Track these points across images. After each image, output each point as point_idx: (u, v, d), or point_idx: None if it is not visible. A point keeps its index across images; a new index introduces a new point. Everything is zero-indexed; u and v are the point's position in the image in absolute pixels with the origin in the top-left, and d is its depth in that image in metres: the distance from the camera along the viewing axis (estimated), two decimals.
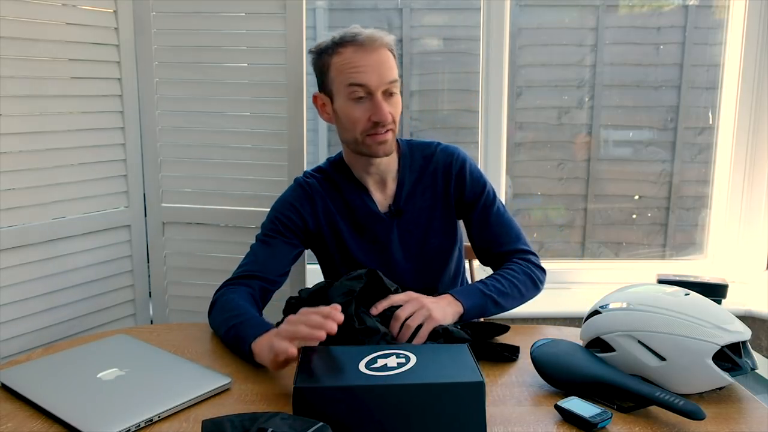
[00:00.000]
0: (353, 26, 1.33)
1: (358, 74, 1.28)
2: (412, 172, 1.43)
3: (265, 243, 1.37)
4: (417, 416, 0.89)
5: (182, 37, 1.70)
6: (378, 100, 1.29)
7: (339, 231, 1.40)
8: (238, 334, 1.16)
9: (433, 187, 1.42)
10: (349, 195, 1.41)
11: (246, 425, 0.83)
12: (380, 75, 1.29)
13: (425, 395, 0.89)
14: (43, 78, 1.53)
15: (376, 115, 1.29)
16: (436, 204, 1.43)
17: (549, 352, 1.06)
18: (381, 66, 1.29)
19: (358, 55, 1.29)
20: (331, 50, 1.31)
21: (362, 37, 1.29)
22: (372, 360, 0.96)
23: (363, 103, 1.30)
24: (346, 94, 1.30)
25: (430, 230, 1.42)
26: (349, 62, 1.29)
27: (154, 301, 1.83)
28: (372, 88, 1.29)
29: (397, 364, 0.94)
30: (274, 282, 1.36)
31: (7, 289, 1.51)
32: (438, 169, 1.43)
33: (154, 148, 1.74)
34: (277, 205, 1.42)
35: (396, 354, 0.98)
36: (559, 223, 2.31)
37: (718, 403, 1.01)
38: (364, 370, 0.93)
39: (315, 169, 1.46)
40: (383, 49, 1.30)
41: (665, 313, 1.02)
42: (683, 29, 2.20)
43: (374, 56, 1.29)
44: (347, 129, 1.33)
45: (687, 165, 2.25)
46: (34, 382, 1.03)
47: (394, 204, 1.41)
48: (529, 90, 2.23)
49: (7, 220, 1.49)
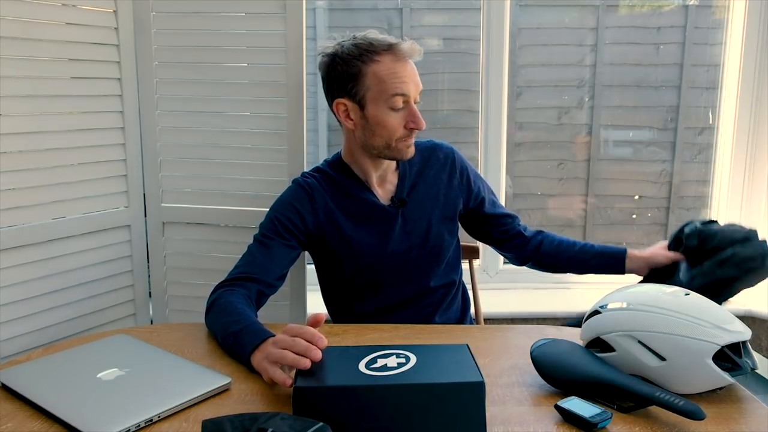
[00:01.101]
0: (370, 31, 1.36)
1: (402, 84, 1.32)
2: (413, 164, 1.46)
3: (262, 245, 1.37)
4: (417, 416, 0.89)
5: (182, 37, 1.70)
6: (415, 109, 1.35)
7: (339, 226, 1.40)
8: (238, 342, 1.17)
9: (435, 177, 1.47)
10: (350, 189, 1.42)
11: (246, 425, 0.83)
12: (417, 85, 1.35)
13: (425, 395, 0.89)
14: (43, 78, 1.53)
15: (414, 123, 1.34)
16: (440, 193, 1.47)
17: (549, 352, 1.06)
18: (416, 76, 1.35)
19: (400, 65, 1.32)
20: (366, 57, 1.32)
21: (403, 46, 1.32)
22: (372, 360, 0.96)
23: (401, 112, 1.34)
24: (386, 103, 1.32)
25: (433, 219, 1.45)
26: (392, 72, 1.31)
27: (154, 301, 1.83)
28: (411, 97, 1.34)
29: (397, 364, 0.95)
30: (272, 285, 1.36)
31: (7, 289, 1.51)
32: (438, 161, 1.48)
33: (154, 148, 1.74)
34: (276, 206, 1.42)
35: (396, 354, 0.98)
36: (559, 223, 2.31)
37: (718, 403, 1.01)
38: (364, 370, 0.93)
39: (313, 170, 1.47)
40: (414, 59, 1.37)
41: (665, 313, 1.02)
42: (683, 29, 2.20)
43: (410, 66, 1.34)
44: (379, 135, 1.35)
45: (687, 165, 2.25)
46: (34, 382, 1.03)
47: (397, 195, 1.44)
48: (529, 90, 2.23)
49: (7, 220, 1.49)
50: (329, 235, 1.41)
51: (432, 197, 1.46)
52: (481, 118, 2.05)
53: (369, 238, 1.41)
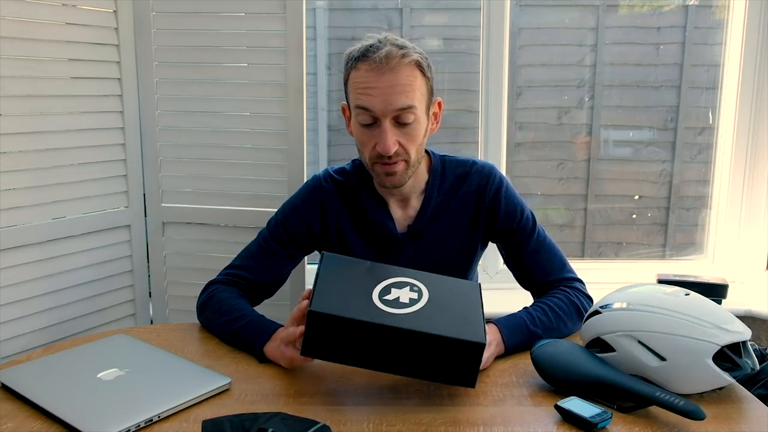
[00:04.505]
0: (377, 35, 1.20)
1: (364, 96, 1.16)
2: (440, 192, 1.31)
3: (264, 251, 1.33)
4: (417, 356, 0.98)
5: (182, 37, 1.70)
6: (383, 129, 1.16)
7: (348, 242, 1.32)
8: (245, 339, 1.19)
9: (460, 212, 1.31)
10: (367, 208, 1.31)
11: (246, 425, 0.83)
12: (387, 100, 1.14)
13: (428, 342, 0.97)
14: (43, 78, 1.53)
15: (378, 144, 1.17)
16: (460, 230, 1.32)
17: (549, 352, 1.06)
18: (391, 90, 1.14)
19: (370, 76, 1.15)
20: (352, 63, 1.19)
21: (378, 54, 1.14)
22: (386, 289, 1.03)
23: (372, 129, 1.18)
24: (355, 114, 1.20)
25: (448, 256, 1.32)
26: (362, 81, 1.16)
27: (154, 301, 1.83)
28: (377, 114, 1.16)
29: (409, 300, 1.01)
30: (268, 292, 1.36)
31: (7, 289, 1.50)
32: (469, 193, 1.31)
33: (154, 148, 1.74)
34: (287, 209, 1.35)
35: (410, 286, 1.04)
36: (559, 223, 2.31)
37: (718, 403, 1.01)
38: (377, 303, 1.00)
39: (338, 171, 1.35)
40: (401, 69, 1.14)
41: (665, 313, 1.02)
42: (683, 29, 2.20)
43: (387, 78, 1.14)
44: (359, 151, 1.25)
45: (687, 165, 2.25)
46: (34, 382, 1.03)
47: (414, 225, 1.30)
48: (529, 90, 2.23)
49: (7, 220, 1.49)
50: (336, 247, 1.34)
51: (451, 233, 1.31)
52: (481, 118, 2.05)
53: (376, 260, 1.32)
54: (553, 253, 1.34)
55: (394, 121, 1.17)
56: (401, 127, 1.18)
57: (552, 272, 1.32)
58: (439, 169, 1.32)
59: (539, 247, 1.33)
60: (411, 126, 1.18)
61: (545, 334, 1.20)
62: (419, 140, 1.21)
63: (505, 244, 1.36)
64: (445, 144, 2.20)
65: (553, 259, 1.33)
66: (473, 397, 1.04)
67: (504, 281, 2.24)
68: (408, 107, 1.16)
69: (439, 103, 1.28)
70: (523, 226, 1.32)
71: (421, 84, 1.19)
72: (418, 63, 1.18)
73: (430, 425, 0.95)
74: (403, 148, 1.19)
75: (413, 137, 1.20)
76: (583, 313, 1.25)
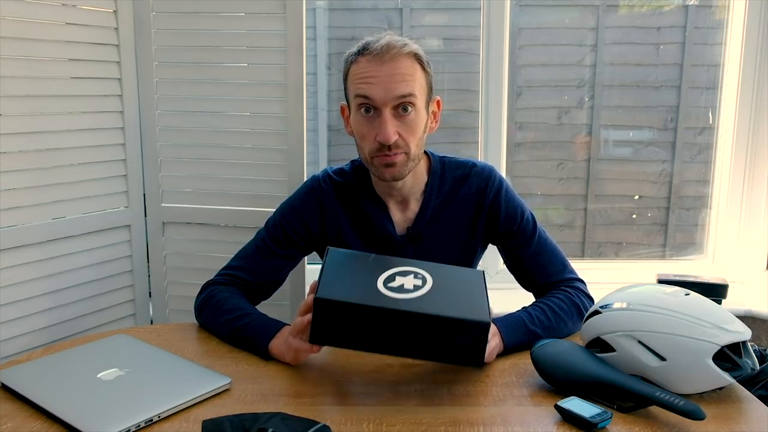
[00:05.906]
0: (382, 34, 1.22)
1: (364, 85, 1.17)
2: (440, 195, 1.31)
3: (262, 252, 1.33)
4: (423, 339, 0.99)
5: (182, 37, 1.70)
6: (383, 118, 1.17)
7: (346, 245, 1.32)
8: (249, 336, 1.19)
9: (460, 214, 1.31)
10: (366, 209, 1.31)
11: (246, 425, 0.83)
12: (388, 88, 1.15)
13: (433, 324, 0.97)
14: (43, 78, 1.53)
15: (379, 134, 1.17)
16: (460, 232, 1.32)
17: (549, 352, 1.06)
18: (391, 78, 1.15)
19: (371, 65, 1.17)
20: (352, 58, 1.21)
21: (378, 45, 1.17)
22: (390, 277, 1.03)
23: (372, 120, 1.19)
24: (355, 106, 1.21)
25: (448, 258, 1.30)
26: (361, 72, 1.18)
27: (154, 301, 1.83)
28: (377, 102, 1.16)
29: (414, 287, 1.01)
30: (265, 294, 1.36)
31: (7, 289, 1.51)
32: (469, 195, 1.31)
33: (154, 148, 1.74)
34: (285, 209, 1.35)
35: (414, 274, 1.05)
36: (559, 223, 2.31)
37: (718, 403, 1.01)
38: (381, 289, 1.00)
39: (337, 171, 1.35)
40: (401, 58, 1.17)
41: (665, 313, 1.02)
42: (683, 29, 2.20)
43: (387, 67, 1.16)
44: (359, 146, 1.25)
45: (687, 165, 2.25)
46: (34, 382, 1.03)
47: (413, 227, 1.31)
48: (529, 90, 2.23)
49: (7, 220, 1.49)
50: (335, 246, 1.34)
51: (450, 236, 1.31)
52: (481, 118, 2.05)
53: None
54: (554, 254, 1.34)
55: (394, 111, 1.18)
56: (401, 118, 1.18)
57: (553, 273, 1.32)
58: (439, 171, 1.32)
59: (540, 248, 1.33)
60: (411, 117, 1.19)
61: (544, 333, 1.21)
62: (419, 134, 1.22)
63: (505, 247, 1.36)
64: (445, 144, 2.20)
65: (554, 260, 1.33)
66: (473, 397, 1.04)
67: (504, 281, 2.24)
68: (408, 95, 1.17)
69: (438, 102, 1.29)
70: (523, 228, 1.32)
71: (420, 76, 1.20)
72: (418, 56, 1.20)
73: (430, 425, 0.95)
74: (403, 139, 1.19)
75: (413, 129, 1.20)
76: (584, 313, 1.25)
